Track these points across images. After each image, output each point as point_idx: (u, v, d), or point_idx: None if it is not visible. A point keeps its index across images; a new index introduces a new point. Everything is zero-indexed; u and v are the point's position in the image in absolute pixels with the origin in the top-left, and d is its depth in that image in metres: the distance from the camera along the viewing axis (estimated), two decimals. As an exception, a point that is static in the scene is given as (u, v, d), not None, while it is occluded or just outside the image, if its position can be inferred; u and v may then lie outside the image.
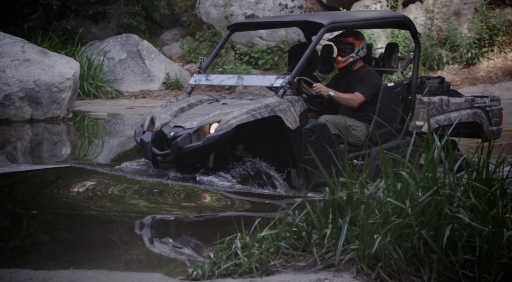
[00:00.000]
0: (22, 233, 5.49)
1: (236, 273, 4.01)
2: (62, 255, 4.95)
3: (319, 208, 4.23)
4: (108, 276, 4.18)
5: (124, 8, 18.38)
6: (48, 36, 16.43)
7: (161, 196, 6.55)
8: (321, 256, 4.01)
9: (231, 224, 4.43)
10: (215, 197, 6.65)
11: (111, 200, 6.37)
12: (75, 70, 13.04)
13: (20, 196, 6.53)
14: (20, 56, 12.66)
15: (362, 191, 4.20)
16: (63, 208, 6.10)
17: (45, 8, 16.69)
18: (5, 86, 12.12)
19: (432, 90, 8.26)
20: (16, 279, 4.00)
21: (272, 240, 4.15)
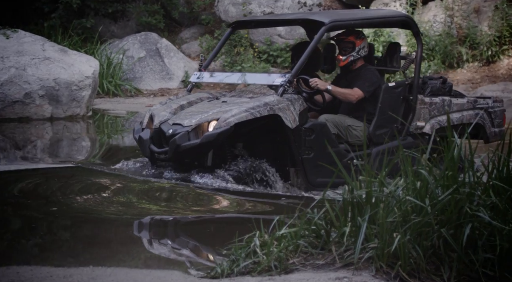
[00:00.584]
0: (42, 230, 5.52)
1: (255, 271, 4.02)
2: (81, 253, 4.97)
3: (338, 206, 4.22)
4: (128, 274, 4.19)
5: (143, 7, 18.42)
6: (68, 34, 16.50)
7: (171, 198, 6.53)
8: (340, 255, 4.01)
9: (244, 224, 4.43)
10: (224, 199, 6.59)
11: (124, 201, 6.38)
12: (95, 68, 13.09)
13: (38, 193, 6.55)
14: (40, 54, 12.73)
15: (381, 189, 4.19)
16: (80, 207, 6.12)
17: (65, 7, 16.77)
18: (26, 85, 12.19)
19: (434, 90, 8.17)
20: (36, 276, 4.02)
21: (291, 238, 4.15)
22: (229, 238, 4.36)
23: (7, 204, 6.15)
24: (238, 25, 8.49)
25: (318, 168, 7.19)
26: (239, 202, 6.56)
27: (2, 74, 12.12)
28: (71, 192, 6.55)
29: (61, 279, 3.97)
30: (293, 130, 7.06)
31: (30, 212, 5.93)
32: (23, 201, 6.24)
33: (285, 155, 7.27)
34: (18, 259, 4.58)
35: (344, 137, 7.52)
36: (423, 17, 16.83)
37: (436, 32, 16.52)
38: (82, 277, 4.04)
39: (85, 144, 10.90)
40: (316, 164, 7.18)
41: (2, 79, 12.08)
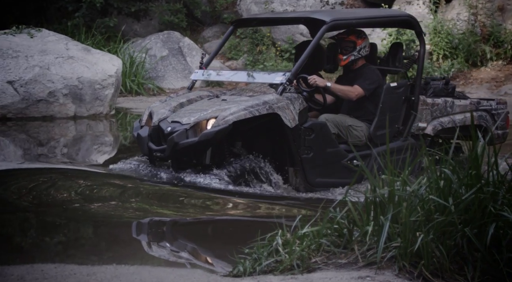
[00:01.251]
0: (65, 228, 5.56)
1: (277, 270, 4.02)
2: (104, 252, 5.00)
3: (360, 205, 4.21)
4: (151, 272, 4.21)
5: (165, 6, 18.48)
6: (91, 33, 16.60)
7: (180, 201, 6.49)
8: (362, 254, 4.00)
9: (253, 225, 4.43)
10: (228, 201, 6.51)
11: (136, 204, 6.39)
12: (118, 67, 13.15)
13: (60, 192, 6.58)
14: (64, 53, 12.81)
15: (404, 188, 4.17)
16: (97, 208, 6.15)
17: (88, 6, 16.87)
18: (50, 83, 12.28)
19: (437, 91, 8.09)
20: (60, 274, 4.05)
21: (313, 237, 4.15)
22: (250, 237, 4.36)
23: (27, 202, 6.20)
24: (240, 23, 8.44)
25: (317, 167, 7.16)
26: (245, 203, 6.50)
27: (27, 73, 12.22)
28: (86, 193, 6.57)
29: (84, 277, 3.99)
30: (292, 129, 6.98)
31: (50, 211, 5.97)
32: (41, 200, 6.28)
33: (284, 154, 7.19)
34: (42, 257, 4.61)
35: (344, 138, 7.44)
36: (447, 16, 16.74)
37: (459, 30, 16.42)
38: (106, 275, 4.07)
39: (106, 142, 10.94)
40: (315, 163, 7.14)
41: (27, 78, 12.17)
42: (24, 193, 6.39)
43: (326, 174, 7.24)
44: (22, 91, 12.09)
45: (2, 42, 12.72)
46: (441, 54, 16.23)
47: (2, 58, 12.31)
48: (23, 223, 5.61)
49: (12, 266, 4.26)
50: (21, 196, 6.34)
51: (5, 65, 12.24)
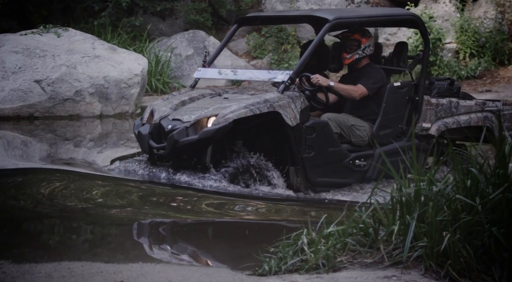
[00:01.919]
0: (92, 227, 5.60)
1: (302, 269, 4.01)
2: (130, 250, 5.03)
3: (386, 204, 4.19)
4: (176, 270, 4.22)
5: (191, 5, 18.53)
6: (117, 32, 16.68)
7: (198, 203, 6.52)
8: (388, 253, 3.98)
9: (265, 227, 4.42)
10: (234, 203, 6.45)
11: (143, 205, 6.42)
12: (143, 66, 13.21)
13: (75, 193, 6.61)
14: (90, 52, 12.89)
15: (430, 187, 4.15)
16: (119, 209, 6.19)
17: (114, 5, 16.96)
18: (76, 83, 12.36)
19: (441, 91, 8.00)
20: (87, 272, 4.08)
21: (339, 236, 4.14)
22: (274, 237, 4.36)
23: (48, 200, 6.24)
24: (244, 21, 8.39)
25: (319, 167, 7.11)
26: (255, 205, 6.45)
27: (54, 72, 12.31)
28: (106, 195, 6.60)
29: (111, 275, 4.02)
30: (293, 128, 6.92)
31: (74, 212, 6.01)
32: (61, 199, 6.32)
33: (285, 153, 7.13)
34: (69, 255, 4.65)
35: (347, 137, 7.37)
36: (473, 14, 16.61)
37: (486, 29, 16.29)
38: (132, 273, 4.08)
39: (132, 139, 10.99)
40: (317, 163, 7.08)
41: (53, 77, 12.26)
42: (46, 193, 6.44)
43: (327, 173, 7.20)
44: (49, 90, 12.19)
45: (30, 42, 12.83)
46: (468, 52, 16.11)
47: (29, 58, 12.42)
48: (48, 222, 5.65)
49: (40, 264, 4.30)
50: (43, 196, 6.40)
51: (33, 64, 12.34)
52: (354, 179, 7.37)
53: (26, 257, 4.58)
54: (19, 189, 6.58)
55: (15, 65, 12.28)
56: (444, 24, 16.07)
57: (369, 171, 7.42)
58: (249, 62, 17.71)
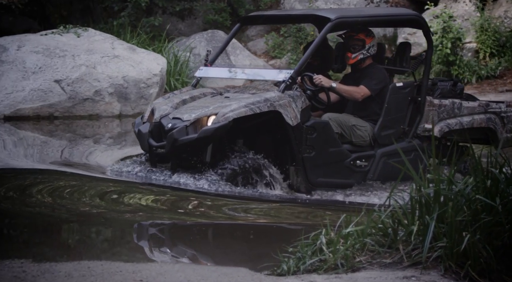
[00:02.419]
0: (110, 227, 5.62)
1: (321, 269, 4.01)
2: (150, 249, 5.05)
3: (405, 204, 4.18)
4: (195, 270, 4.23)
5: (210, 5, 18.56)
6: (136, 33, 16.74)
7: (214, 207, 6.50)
8: (407, 253, 3.97)
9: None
10: (236, 205, 6.43)
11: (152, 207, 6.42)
12: (162, 66, 13.25)
13: (91, 193, 6.63)
14: (109, 52, 12.94)
15: (449, 187, 4.13)
16: (137, 210, 6.21)
17: (133, 5, 17.01)
18: (96, 82, 12.42)
19: (444, 92, 7.93)
20: (107, 271, 4.09)
21: (358, 236, 4.13)
22: (291, 237, 4.35)
23: (64, 202, 6.28)
24: (246, 20, 8.35)
25: (319, 167, 7.05)
26: (267, 208, 6.44)
27: (73, 72, 12.38)
28: (120, 197, 6.63)
29: (130, 274, 4.03)
30: (293, 127, 6.87)
31: (90, 212, 6.04)
32: (81, 199, 6.35)
33: (285, 153, 7.08)
34: (88, 254, 4.67)
35: (348, 137, 7.32)
36: (494, 13, 16.50)
37: (507, 28, 16.18)
38: (151, 272, 4.10)
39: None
40: (317, 163, 7.03)
41: (73, 77, 12.33)
42: (60, 194, 6.47)
43: (327, 173, 7.15)
44: (68, 90, 12.25)
45: (50, 42, 12.91)
46: (488, 52, 16.01)
47: (49, 58, 12.49)
48: (66, 222, 5.68)
49: (60, 263, 4.32)
50: (58, 197, 6.44)
51: (53, 64, 12.42)
52: (355, 180, 7.31)
53: (46, 256, 4.61)
54: (33, 189, 6.61)
55: (36, 65, 12.36)
56: (464, 23, 15.99)
57: (370, 171, 7.36)
58: (267, 62, 17.71)
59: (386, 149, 7.39)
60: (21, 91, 12.10)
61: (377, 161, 7.34)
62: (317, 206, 6.86)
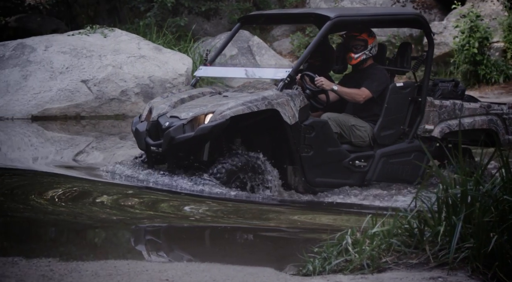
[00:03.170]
0: (136, 227, 5.65)
1: (347, 269, 4.00)
2: (176, 249, 5.07)
3: (431, 205, 4.15)
4: (221, 270, 4.23)
5: (235, 5, 18.59)
6: (162, 33, 16.79)
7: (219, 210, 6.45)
8: (434, 254, 3.94)
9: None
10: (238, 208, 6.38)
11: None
12: (188, 66, 13.29)
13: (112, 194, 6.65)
14: (136, 52, 13.01)
15: (476, 188, 4.09)
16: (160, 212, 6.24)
17: (160, 6, 17.08)
18: (122, 82, 12.49)
19: (445, 93, 7.83)
20: (133, 270, 4.11)
21: (384, 236, 4.11)
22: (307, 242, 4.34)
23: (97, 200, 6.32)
24: (247, 20, 8.31)
25: (317, 167, 6.99)
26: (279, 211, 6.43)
27: (100, 72, 12.46)
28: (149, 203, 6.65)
29: (156, 274, 4.05)
30: (291, 126, 6.80)
31: (115, 213, 6.07)
32: (103, 199, 6.39)
33: (283, 152, 7.01)
34: (115, 253, 4.70)
35: (347, 138, 7.24)
36: (521, 12, 16.35)
37: (536, 27, 16.02)
38: (177, 272, 4.11)
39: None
40: (315, 162, 6.97)
41: (100, 77, 12.40)
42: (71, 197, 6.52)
43: (326, 173, 7.07)
44: (95, 90, 12.33)
45: (77, 42, 13.00)
46: (516, 51, 15.88)
47: (76, 58, 12.58)
48: (92, 222, 5.72)
49: (87, 262, 4.35)
50: (73, 199, 6.48)
51: (79, 64, 12.51)
52: (353, 180, 7.24)
53: (73, 255, 4.64)
54: (55, 191, 6.66)
55: (63, 66, 12.46)
56: (491, 23, 15.85)
57: (369, 172, 7.29)
58: (293, 62, 17.69)
59: (385, 149, 7.33)
60: (49, 92, 12.20)
61: (376, 161, 7.27)
62: (317, 207, 6.81)
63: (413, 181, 7.40)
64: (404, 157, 7.45)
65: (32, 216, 5.72)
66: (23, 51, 12.77)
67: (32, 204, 6.05)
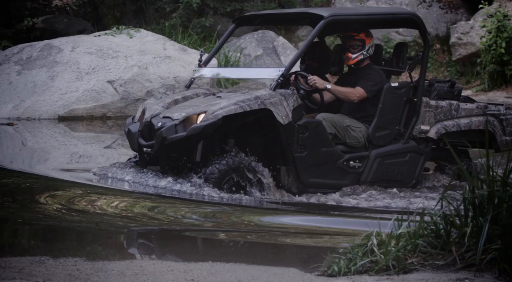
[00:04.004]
0: (160, 229, 5.68)
1: (372, 270, 3.98)
2: (201, 249, 5.09)
3: (457, 206, 4.12)
4: (246, 270, 4.24)
5: (261, 5, 18.61)
6: (187, 33, 16.86)
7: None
8: (460, 255, 3.92)
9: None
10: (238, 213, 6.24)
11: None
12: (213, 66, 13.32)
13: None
14: (161, 53, 13.06)
15: (504, 189, 4.06)
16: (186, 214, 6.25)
17: (185, 6, 17.15)
18: (147, 83, 12.54)
19: (441, 94, 7.71)
20: (158, 270, 4.13)
21: (409, 237, 4.09)
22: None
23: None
24: (242, 21, 8.25)
25: (311, 167, 6.90)
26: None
27: (126, 72, 12.53)
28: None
29: (181, 273, 4.06)
30: (284, 126, 6.71)
31: (140, 213, 6.10)
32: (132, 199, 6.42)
33: (276, 153, 6.93)
34: (141, 253, 4.73)
35: (342, 138, 7.15)
36: (549, 11, 16.19)
37: None
38: (202, 272, 4.12)
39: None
40: (309, 163, 6.88)
41: (126, 77, 12.47)
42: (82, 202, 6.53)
43: (320, 174, 6.98)
44: (121, 91, 12.40)
45: (103, 43, 13.09)
46: (543, 51, 15.73)
47: (102, 58, 12.67)
48: (116, 223, 5.75)
49: (113, 262, 4.38)
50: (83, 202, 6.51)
51: (106, 65, 12.59)
52: (348, 181, 7.14)
53: (99, 255, 4.67)
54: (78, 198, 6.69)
55: (89, 66, 12.55)
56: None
57: (364, 172, 7.19)
58: (318, 62, 17.65)
59: (380, 150, 7.25)
60: (75, 92, 12.29)
61: (371, 162, 7.20)
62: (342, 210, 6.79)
63: (409, 182, 7.37)
64: (399, 157, 7.37)
65: (57, 216, 5.77)
66: (50, 52, 12.88)
67: (50, 208, 6.08)
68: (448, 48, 16.85)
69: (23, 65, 12.73)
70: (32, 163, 8.64)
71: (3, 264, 4.06)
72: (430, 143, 7.52)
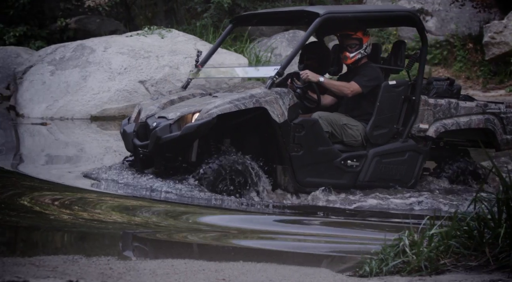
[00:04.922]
0: (190, 229, 5.70)
1: (404, 271, 3.97)
2: (232, 248, 5.10)
3: (491, 206, 4.09)
4: (277, 270, 4.24)
5: (291, 5, 18.58)
6: (218, 33, 16.89)
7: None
8: (494, 256, 3.89)
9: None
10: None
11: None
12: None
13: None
14: (192, 53, 13.09)
15: (539, 190, 4.02)
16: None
17: (216, 7, 17.20)
18: (179, 83, 12.59)
19: (440, 92, 7.62)
20: (190, 270, 4.15)
21: (442, 238, 4.06)
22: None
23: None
24: (239, 21, 8.19)
25: (307, 166, 6.82)
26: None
27: (157, 72, 12.59)
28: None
29: (212, 273, 4.07)
30: (280, 125, 6.64)
31: (173, 214, 6.13)
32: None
33: (272, 152, 6.86)
34: (172, 253, 4.75)
35: (339, 137, 7.06)
36: None
37: None
38: (233, 271, 4.13)
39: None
40: (305, 162, 6.80)
41: (157, 77, 12.53)
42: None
43: (316, 173, 6.90)
44: (152, 91, 12.47)
45: (135, 43, 13.17)
46: None
47: (134, 59, 12.74)
48: (146, 221, 5.79)
49: (145, 261, 4.41)
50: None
51: (137, 65, 12.66)
52: (345, 180, 7.06)
53: (131, 254, 4.70)
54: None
55: (121, 66, 12.63)
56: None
57: (362, 172, 7.10)
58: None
59: (378, 149, 7.17)
60: (107, 92, 12.38)
61: (369, 161, 7.11)
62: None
63: (407, 181, 7.29)
64: (398, 156, 7.28)
65: (91, 216, 5.81)
66: (83, 52, 12.99)
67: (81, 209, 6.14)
68: (481, 48, 16.69)
69: (56, 65, 12.86)
70: (70, 163, 8.71)
71: (37, 263, 4.10)
72: (429, 141, 7.44)
